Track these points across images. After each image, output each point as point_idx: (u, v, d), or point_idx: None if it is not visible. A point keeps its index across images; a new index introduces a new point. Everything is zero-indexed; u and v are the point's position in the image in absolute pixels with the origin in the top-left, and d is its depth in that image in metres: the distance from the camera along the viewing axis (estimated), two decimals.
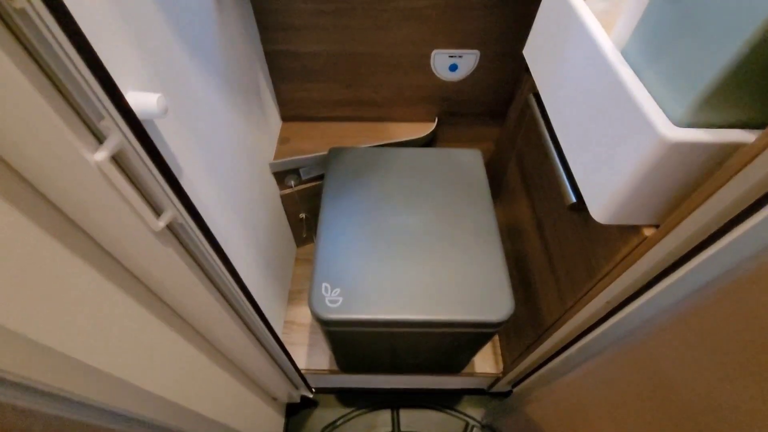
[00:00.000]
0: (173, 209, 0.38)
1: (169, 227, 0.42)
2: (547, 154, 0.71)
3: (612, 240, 0.55)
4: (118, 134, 0.30)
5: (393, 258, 0.72)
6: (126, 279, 0.41)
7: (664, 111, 0.40)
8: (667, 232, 0.44)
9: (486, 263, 0.71)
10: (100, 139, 0.31)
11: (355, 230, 0.75)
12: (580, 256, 0.64)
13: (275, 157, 0.97)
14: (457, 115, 1.04)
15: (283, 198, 1.05)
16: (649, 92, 0.42)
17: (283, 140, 1.01)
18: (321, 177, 1.07)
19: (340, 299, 0.66)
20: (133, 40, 0.44)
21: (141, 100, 0.42)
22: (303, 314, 1.11)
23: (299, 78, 0.95)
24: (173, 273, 0.43)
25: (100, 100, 0.27)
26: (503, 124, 1.06)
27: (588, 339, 0.66)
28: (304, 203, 1.10)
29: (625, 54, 0.47)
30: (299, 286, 1.17)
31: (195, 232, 0.41)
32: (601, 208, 0.48)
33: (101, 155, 0.29)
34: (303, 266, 1.21)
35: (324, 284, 0.68)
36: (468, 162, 0.89)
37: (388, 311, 0.66)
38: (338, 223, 0.77)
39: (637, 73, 0.44)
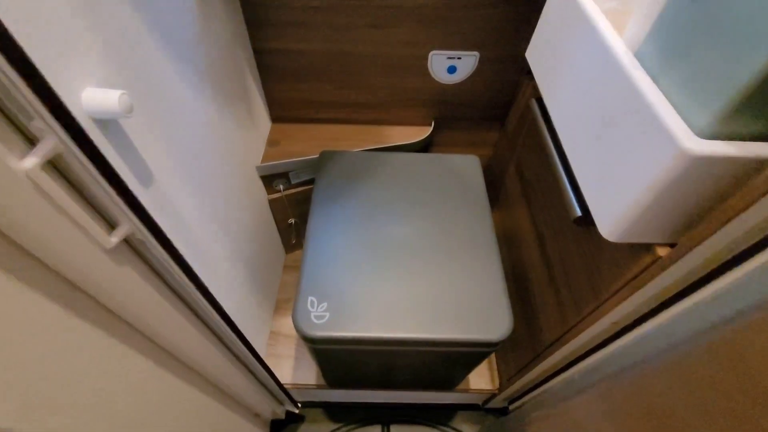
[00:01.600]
0: (129, 223, 0.33)
1: (129, 243, 0.37)
2: (549, 163, 0.67)
3: (621, 258, 0.51)
4: (53, 137, 0.25)
5: (385, 271, 0.67)
6: (78, 300, 0.36)
7: (685, 121, 0.36)
8: (685, 252, 0.40)
9: (483, 277, 0.67)
10: (34, 142, 0.26)
11: (345, 240, 0.71)
12: (584, 272, 0.60)
13: (263, 160, 0.92)
14: (455, 119, 1.00)
15: (272, 203, 1.00)
16: (668, 99, 0.38)
17: (272, 142, 0.96)
18: (311, 181, 1.02)
19: (327, 315, 0.62)
20: (93, 32, 0.39)
21: (99, 98, 0.37)
22: (290, 325, 1.06)
23: (290, 78, 0.90)
24: (133, 293, 0.38)
25: (25, 97, 0.23)
26: (502, 128, 1.02)
27: (592, 360, 0.62)
28: (293, 208, 1.05)
29: (639, 57, 0.42)
30: (287, 295, 1.12)
31: (155, 248, 0.36)
32: (611, 224, 0.43)
33: (31, 162, 0.25)
34: (292, 273, 1.16)
35: (310, 298, 0.63)
36: (465, 168, 0.85)
37: (379, 329, 0.61)
38: (328, 233, 0.72)
39: (654, 78, 0.40)
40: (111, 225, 0.33)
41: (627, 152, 0.41)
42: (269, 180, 0.96)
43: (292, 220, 1.08)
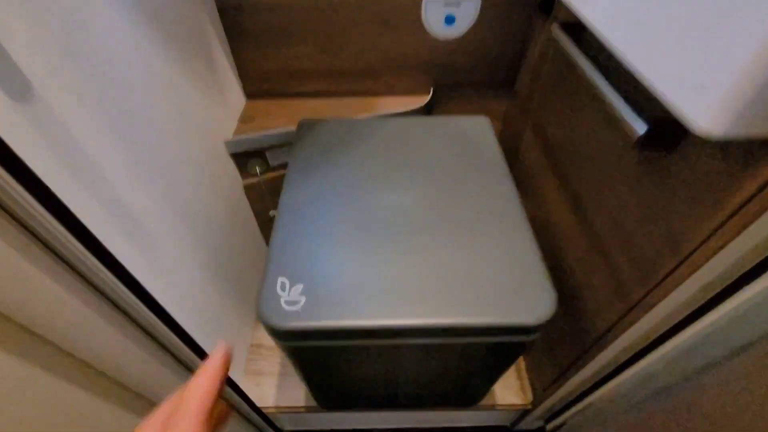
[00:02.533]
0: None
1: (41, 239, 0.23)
2: (588, 95, 0.53)
3: (715, 181, 0.35)
4: None
5: (380, 245, 0.51)
6: None
7: None
8: None
9: (510, 246, 0.51)
10: None
11: (328, 210, 0.56)
12: (650, 223, 0.44)
13: (234, 135, 0.79)
14: (456, 86, 0.87)
15: (248, 190, 0.86)
16: None
17: (246, 119, 0.83)
18: None
19: (302, 300, 0.45)
20: None
21: None
22: None
23: (263, 41, 0.77)
24: (49, 303, 0.23)
25: None
26: (512, 95, 0.88)
27: (667, 349, 0.45)
28: (274, 197, 0.90)
29: None
30: None
31: (70, 242, 0.22)
32: (715, 109, 0.28)
33: None
34: None
35: (280, 279, 0.47)
36: (474, 130, 0.71)
37: (373, 315, 0.45)
38: (305, 202, 0.57)
39: None
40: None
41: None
42: (243, 161, 0.82)
43: (273, 213, 0.93)
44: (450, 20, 0.76)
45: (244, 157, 0.81)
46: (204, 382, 0.21)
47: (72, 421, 0.37)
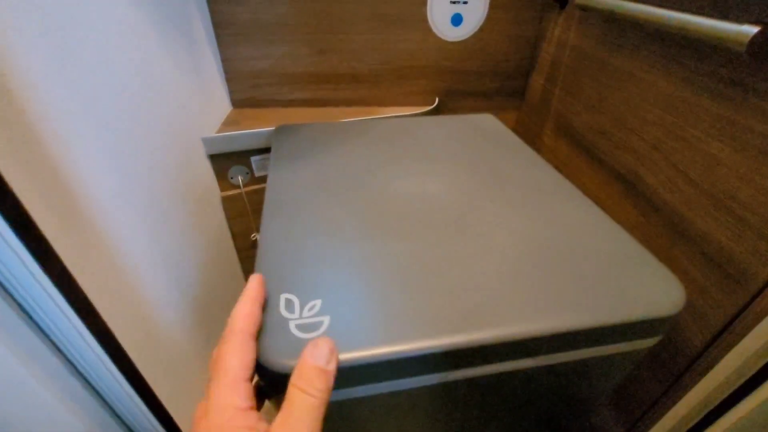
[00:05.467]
0: None
1: None
2: (648, 41, 0.45)
3: None
4: None
5: (412, 240, 0.37)
6: None
7: None
8: None
9: (587, 226, 0.39)
10: None
11: (330, 205, 0.42)
12: (760, 173, 0.34)
13: (216, 132, 0.67)
14: (464, 95, 0.81)
15: (227, 202, 0.72)
16: None
17: (230, 122, 0.73)
18: None
19: (325, 320, 0.29)
20: None
21: None
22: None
23: (255, 38, 0.71)
24: None
25: None
26: (521, 105, 0.82)
27: None
28: (258, 216, 0.77)
29: None
30: None
31: None
32: None
33: None
34: None
35: (283, 297, 0.31)
36: (484, 124, 0.63)
37: (450, 329, 0.29)
38: (297, 199, 0.43)
39: None
40: None
41: None
42: (223, 167, 0.70)
43: (255, 236, 0.78)
44: (457, 19, 0.72)
45: (224, 162, 0.69)
46: (244, 305, 0.26)
47: None
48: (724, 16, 0.33)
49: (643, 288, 0.32)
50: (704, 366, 0.40)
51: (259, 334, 0.28)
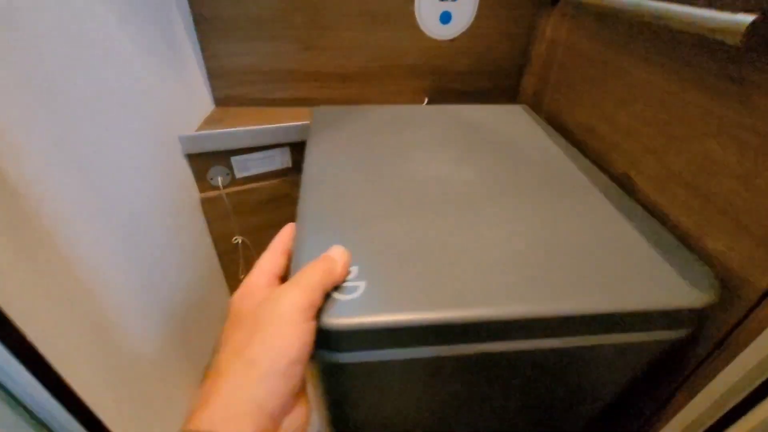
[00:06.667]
0: None
1: None
2: (640, 37, 0.43)
3: None
4: None
5: (448, 217, 0.38)
6: None
7: None
8: None
9: (623, 217, 0.39)
10: None
11: (372, 181, 0.44)
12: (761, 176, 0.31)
13: (196, 131, 0.65)
14: (453, 93, 0.79)
15: (206, 204, 0.70)
16: None
17: (211, 121, 0.70)
18: (269, 175, 0.74)
19: (361, 285, 0.30)
20: None
21: None
22: None
23: (238, 32, 0.68)
24: None
25: None
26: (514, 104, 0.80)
27: None
28: (240, 217, 0.74)
29: None
30: None
31: None
32: None
33: None
34: None
35: None
36: (517, 116, 0.63)
37: (487, 301, 0.30)
38: (335, 174, 0.45)
39: None
40: None
41: None
42: (202, 167, 0.67)
43: (238, 239, 0.76)
44: (446, 18, 0.70)
45: (203, 162, 0.67)
46: (270, 253, 0.30)
47: None
48: (717, 5, 0.31)
49: (675, 277, 0.32)
50: (698, 384, 0.37)
51: None
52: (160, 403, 0.53)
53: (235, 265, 0.80)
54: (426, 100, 0.78)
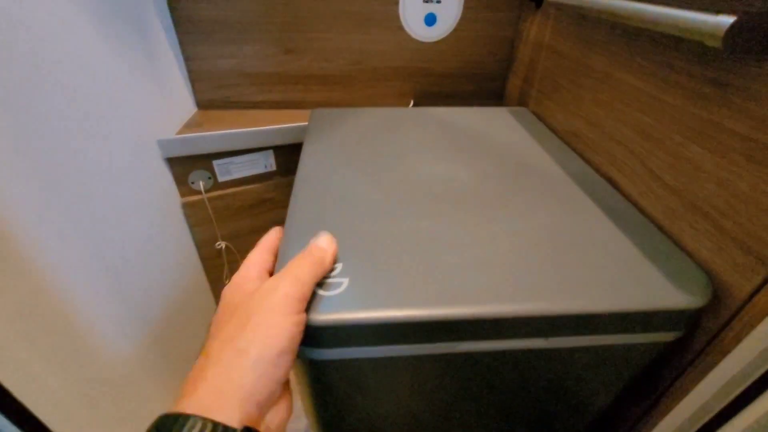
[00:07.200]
0: None
1: None
2: (622, 38, 0.42)
3: None
4: None
5: (439, 216, 0.38)
6: None
7: None
8: None
9: (619, 220, 0.39)
10: None
11: (362, 182, 0.43)
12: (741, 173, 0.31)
13: (176, 134, 0.63)
14: (439, 97, 0.78)
15: (187, 209, 0.68)
16: None
17: (192, 124, 0.69)
18: (252, 179, 0.72)
19: (344, 281, 0.30)
20: None
21: None
22: None
23: (218, 35, 0.67)
24: None
25: None
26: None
27: None
28: (223, 222, 0.73)
29: None
30: None
31: None
32: None
33: None
34: None
35: None
36: (518, 118, 0.62)
37: (468, 299, 0.29)
38: (328, 173, 0.45)
39: None
40: None
41: None
42: (183, 171, 0.66)
43: (221, 244, 0.74)
44: (431, 19, 0.69)
45: (184, 167, 0.65)
46: (256, 253, 0.30)
47: None
48: (696, 5, 0.31)
49: (666, 279, 0.31)
50: (685, 388, 0.36)
51: None
52: (136, 412, 0.51)
53: (219, 270, 0.78)
54: (411, 103, 0.77)
